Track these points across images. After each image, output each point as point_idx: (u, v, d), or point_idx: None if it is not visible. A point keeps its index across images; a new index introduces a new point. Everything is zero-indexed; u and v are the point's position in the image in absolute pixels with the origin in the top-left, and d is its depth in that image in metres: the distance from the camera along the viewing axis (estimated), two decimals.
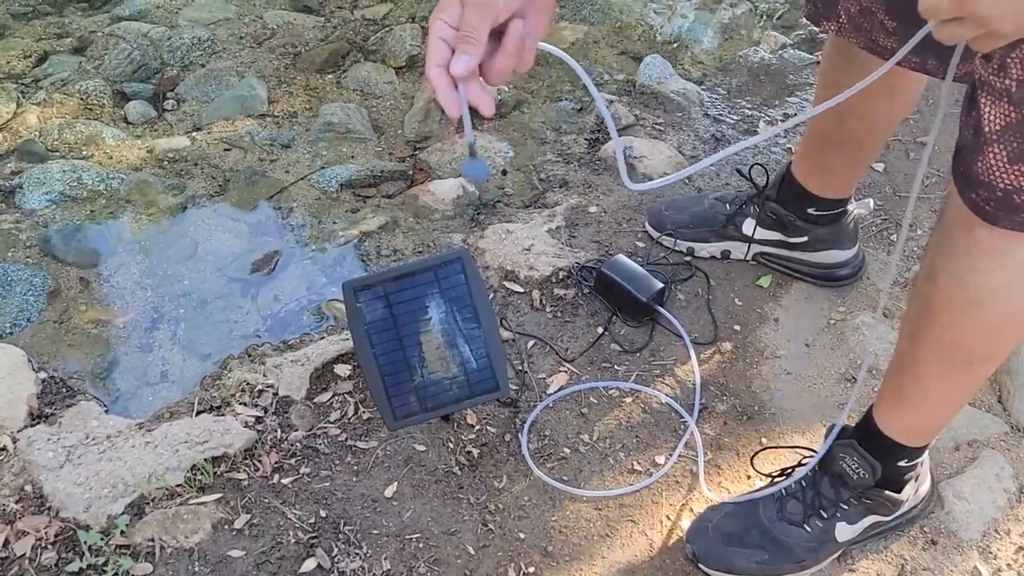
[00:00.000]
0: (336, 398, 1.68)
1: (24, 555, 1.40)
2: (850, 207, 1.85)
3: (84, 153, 2.32)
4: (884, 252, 2.04)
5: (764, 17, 2.89)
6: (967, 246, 1.12)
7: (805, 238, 1.89)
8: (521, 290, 1.90)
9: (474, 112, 0.91)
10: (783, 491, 1.49)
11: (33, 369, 1.72)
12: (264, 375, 1.71)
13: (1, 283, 1.92)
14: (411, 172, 2.33)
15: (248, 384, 1.69)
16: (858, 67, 1.36)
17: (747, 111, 2.44)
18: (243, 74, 2.60)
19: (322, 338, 1.83)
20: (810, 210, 1.84)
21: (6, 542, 1.42)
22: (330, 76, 2.65)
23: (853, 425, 1.46)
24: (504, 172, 2.31)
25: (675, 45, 2.77)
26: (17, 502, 1.46)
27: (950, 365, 1.26)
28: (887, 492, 1.43)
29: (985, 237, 1.09)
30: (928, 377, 1.30)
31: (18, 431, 1.59)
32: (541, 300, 1.89)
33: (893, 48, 1.34)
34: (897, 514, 1.51)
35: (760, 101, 2.46)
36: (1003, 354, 1.24)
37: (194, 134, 2.41)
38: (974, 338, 1.20)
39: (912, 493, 1.50)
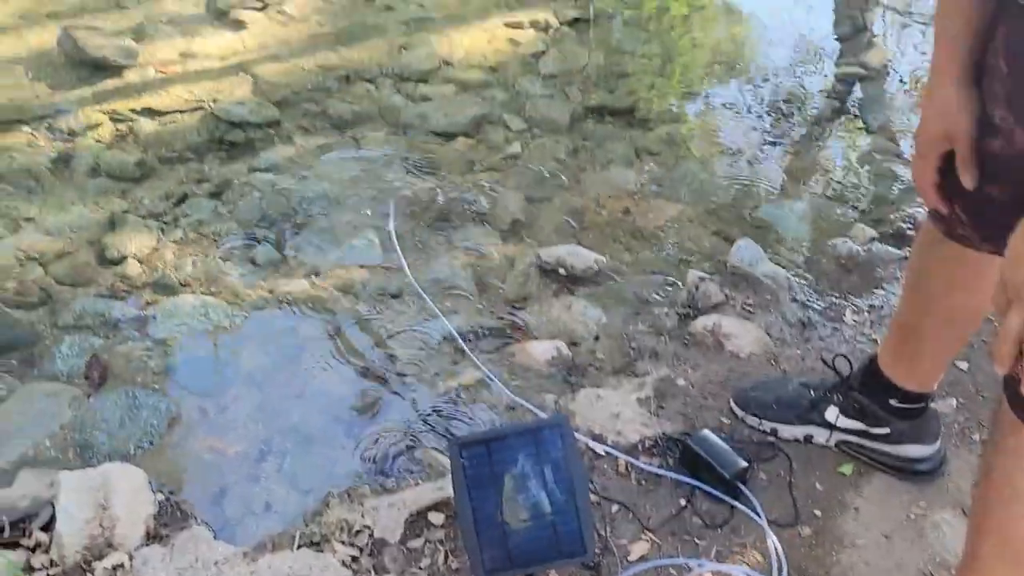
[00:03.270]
0: (428, 545, 1.77)
1: None
2: (932, 403, 1.91)
3: (212, 289, 2.53)
4: (966, 451, 2.08)
5: (854, 210, 3.02)
6: (1016, 446, 1.20)
7: (887, 430, 1.94)
8: (608, 454, 1.99)
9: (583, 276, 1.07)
10: None
11: (152, 490, 1.86)
12: (362, 515, 1.82)
13: (129, 407, 2.09)
14: (509, 330, 2.47)
15: (347, 523, 1.79)
16: (949, 261, 1.45)
17: (834, 299, 2.54)
18: (360, 227, 2.81)
19: (418, 484, 1.93)
20: (892, 402, 1.91)
21: None
22: (439, 234, 2.84)
23: None
24: (596, 338, 2.43)
25: (766, 229, 2.91)
26: None
27: (1015, 566, 1.31)
28: None
29: None
30: (993, 574, 1.34)
31: (135, 549, 1.71)
32: (627, 466, 1.97)
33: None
34: None
35: (848, 291, 2.57)
36: None
37: (312, 279, 2.61)
38: None
39: None
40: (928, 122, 1.54)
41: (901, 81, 3.89)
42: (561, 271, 2.65)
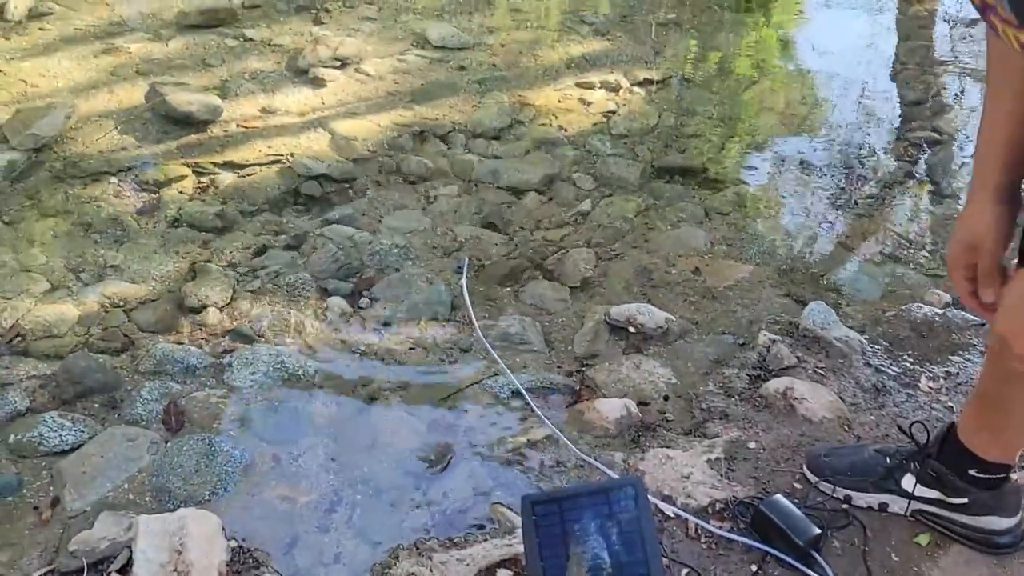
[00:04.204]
0: None
1: None
2: (1013, 474, 1.87)
3: (287, 339, 2.58)
4: None
5: (928, 274, 2.99)
6: None
7: (965, 500, 1.90)
8: (677, 517, 1.97)
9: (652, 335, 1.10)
10: None
11: (226, 537, 1.89)
12: (430, 570, 1.83)
13: (206, 453, 2.13)
14: (578, 387, 2.47)
15: None
16: None
17: (908, 365, 2.50)
18: (432, 280, 2.86)
19: (486, 540, 1.94)
20: (972, 471, 1.86)
21: None
22: (509, 289, 2.87)
23: None
24: (666, 398, 2.42)
25: (838, 292, 2.89)
26: None
27: None
28: None
29: None
30: None
31: None
32: (696, 529, 1.95)
33: None
34: None
35: (922, 356, 2.52)
36: None
37: (384, 331, 2.65)
38: None
39: None
40: (956, 232, 1.56)
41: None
42: (631, 329, 2.65)
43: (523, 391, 2.39)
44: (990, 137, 1.55)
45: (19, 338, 2.53)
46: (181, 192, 3.25)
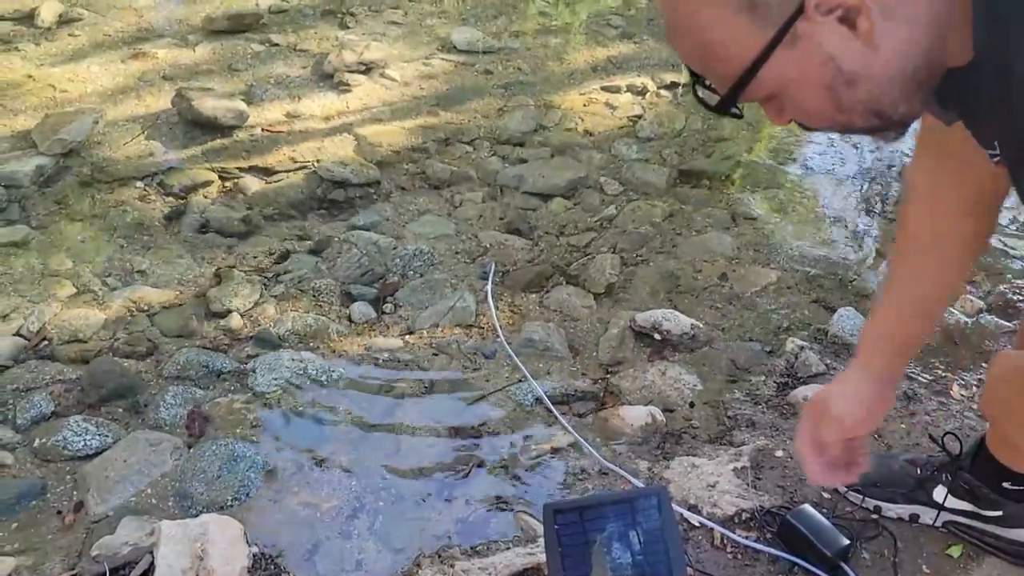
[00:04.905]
0: None
1: None
2: None
3: (311, 345, 2.58)
4: None
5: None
6: None
7: (1000, 512, 1.86)
8: (703, 526, 1.94)
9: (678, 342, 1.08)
10: None
11: (248, 543, 1.88)
12: None
13: (228, 458, 2.13)
14: (602, 394, 2.45)
15: None
16: None
17: (940, 372, 2.45)
18: (456, 286, 2.84)
19: (509, 548, 1.92)
20: (1006, 484, 1.82)
21: None
22: (533, 295, 2.85)
23: None
24: (692, 405, 2.39)
25: (868, 298, 2.84)
26: None
27: None
28: None
29: None
30: None
31: None
32: (722, 539, 1.92)
33: None
34: None
35: (954, 364, 2.48)
36: None
37: (407, 337, 2.64)
38: None
39: None
40: (832, 396, 1.56)
41: None
42: (656, 336, 2.62)
43: (546, 398, 2.37)
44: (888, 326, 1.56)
45: (45, 342, 2.54)
46: (206, 197, 3.26)
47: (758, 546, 1.90)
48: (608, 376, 2.52)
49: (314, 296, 2.78)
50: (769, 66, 0.96)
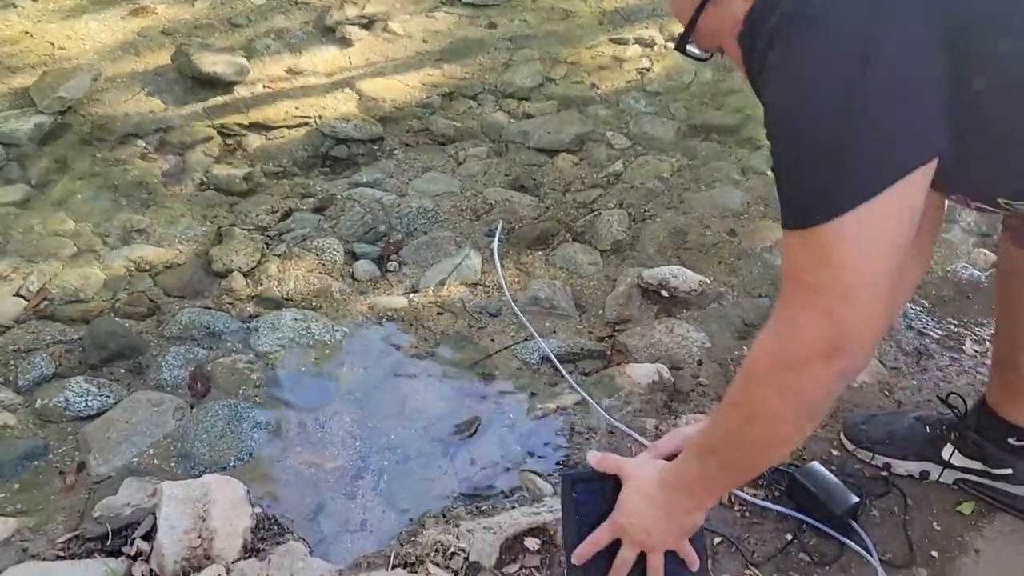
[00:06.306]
0: (523, 571, 1.73)
1: None
2: None
3: (314, 304, 2.54)
4: None
5: (974, 234, 2.88)
6: None
7: (1009, 470, 1.83)
8: None
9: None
10: None
11: (250, 503, 1.86)
12: (457, 538, 1.79)
13: (231, 419, 2.11)
14: (609, 352, 2.41)
15: (442, 545, 1.76)
16: None
17: (952, 328, 2.41)
18: (461, 244, 2.80)
19: (514, 508, 1.90)
20: (1012, 440, 1.80)
21: None
22: (539, 253, 2.81)
23: None
24: (700, 362, 2.36)
25: None
26: None
27: None
28: None
29: None
30: None
31: (232, 562, 1.72)
32: (730, 497, 1.90)
33: None
34: None
35: (968, 319, 2.44)
36: None
37: (412, 295, 2.60)
38: None
39: None
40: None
41: None
42: (664, 293, 2.58)
43: (552, 356, 2.34)
44: None
45: (46, 302, 2.51)
46: (207, 154, 3.21)
47: (767, 504, 1.88)
48: (615, 334, 2.49)
49: (317, 255, 2.74)
50: (704, 18, 1.25)
